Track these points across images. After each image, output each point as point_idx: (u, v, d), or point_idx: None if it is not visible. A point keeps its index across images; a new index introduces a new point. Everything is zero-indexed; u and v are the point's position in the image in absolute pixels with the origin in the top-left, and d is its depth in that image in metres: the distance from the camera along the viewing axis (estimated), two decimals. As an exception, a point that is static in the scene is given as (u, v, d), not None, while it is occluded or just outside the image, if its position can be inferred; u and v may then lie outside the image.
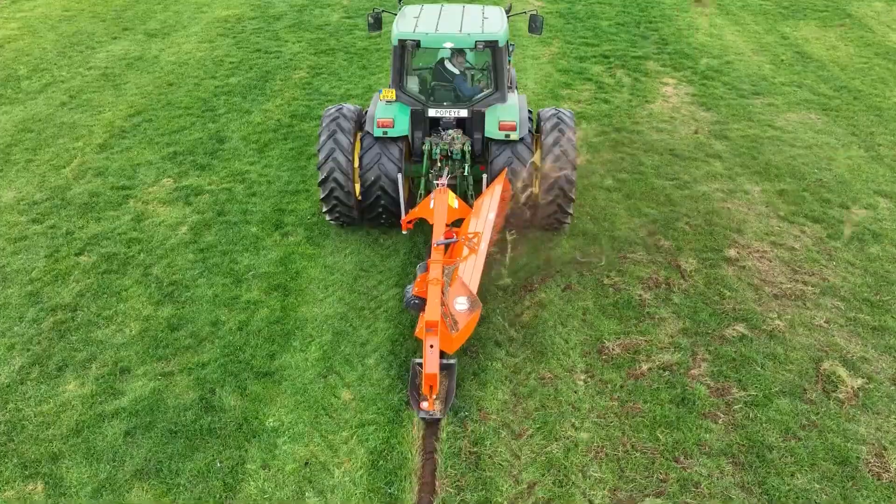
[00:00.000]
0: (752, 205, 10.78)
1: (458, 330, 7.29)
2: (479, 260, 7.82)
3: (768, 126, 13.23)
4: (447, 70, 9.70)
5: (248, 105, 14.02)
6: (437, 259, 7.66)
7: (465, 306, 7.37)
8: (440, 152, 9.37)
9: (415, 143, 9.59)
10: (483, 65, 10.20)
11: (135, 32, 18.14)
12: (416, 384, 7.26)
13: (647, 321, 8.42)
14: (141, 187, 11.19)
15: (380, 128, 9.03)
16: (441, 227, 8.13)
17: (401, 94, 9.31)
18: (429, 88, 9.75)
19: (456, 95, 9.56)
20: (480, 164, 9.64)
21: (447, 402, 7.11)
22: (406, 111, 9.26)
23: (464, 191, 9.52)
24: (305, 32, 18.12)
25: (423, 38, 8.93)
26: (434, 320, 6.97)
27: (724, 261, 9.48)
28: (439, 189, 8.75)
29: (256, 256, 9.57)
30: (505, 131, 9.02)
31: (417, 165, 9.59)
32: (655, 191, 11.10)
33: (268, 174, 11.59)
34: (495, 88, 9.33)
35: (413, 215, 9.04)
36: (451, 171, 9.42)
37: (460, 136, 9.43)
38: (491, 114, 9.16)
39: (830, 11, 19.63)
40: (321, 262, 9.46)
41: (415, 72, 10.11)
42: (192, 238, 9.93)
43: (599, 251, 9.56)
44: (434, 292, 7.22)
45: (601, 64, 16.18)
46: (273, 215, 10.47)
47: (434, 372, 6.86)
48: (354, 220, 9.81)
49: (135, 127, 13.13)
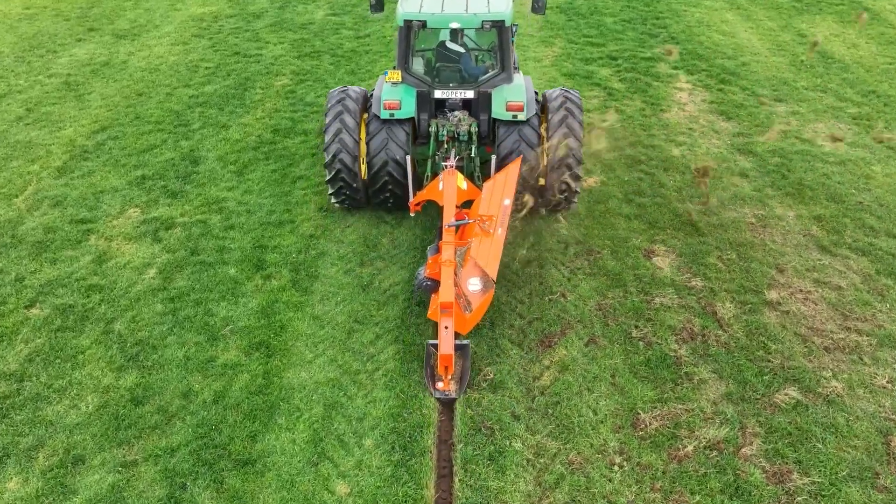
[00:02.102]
0: (787, 234, 9.70)
1: (471, 311, 7.42)
2: (495, 246, 7.74)
3: (796, 138, 12.13)
4: (451, 50, 9.56)
5: (226, 118, 12.73)
6: (448, 241, 7.72)
7: (479, 287, 7.48)
8: (447, 134, 9.25)
9: (420, 125, 9.50)
10: (488, 45, 10.07)
11: (102, 33, 16.70)
12: (431, 365, 7.31)
13: (686, 384, 7.34)
14: (104, 220, 9.93)
15: (387, 110, 8.93)
16: (451, 208, 8.11)
17: (406, 76, 9.20)
18: (434, 69, 9.59)
19: (461, 76, 9.47)
20: (486, 145, 9.56)
21: (462, 382, 7.18)
22: (412, 93, 9.14)
23: (470, 172, 9.46)
24: (288, 32, 16.76)
25: (430, 19, 8.76)
26: (448, 301, 7.05)
27: (764, 305, 8.41)
28: (448, 171, 8.66)
29: (235, 306, 8.38)
30: (512, 112, 8.92)
31: (423, 147, 9.54)
32: (680, 218, 9.99)
33: (247, 202, 10.36)
34: (501, 69, 9.23)
35: (421, 197, 9.01)
36: (457, 152, 9.31)
37: (466, 117, 9.34)
38: (498, 94, 9.09)
39: (847, 5, 18.51)
40: (309, 313, 8.29)
41: (418, 53, 9.96)
42: (160, 283, 8.72)
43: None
44: (447, 273, 7.31)
45: (609, 66, 14.99)
46: (253, 253, 9.27)
47: (449, 353, 6.95)
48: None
49: (99, 146, 11.81)
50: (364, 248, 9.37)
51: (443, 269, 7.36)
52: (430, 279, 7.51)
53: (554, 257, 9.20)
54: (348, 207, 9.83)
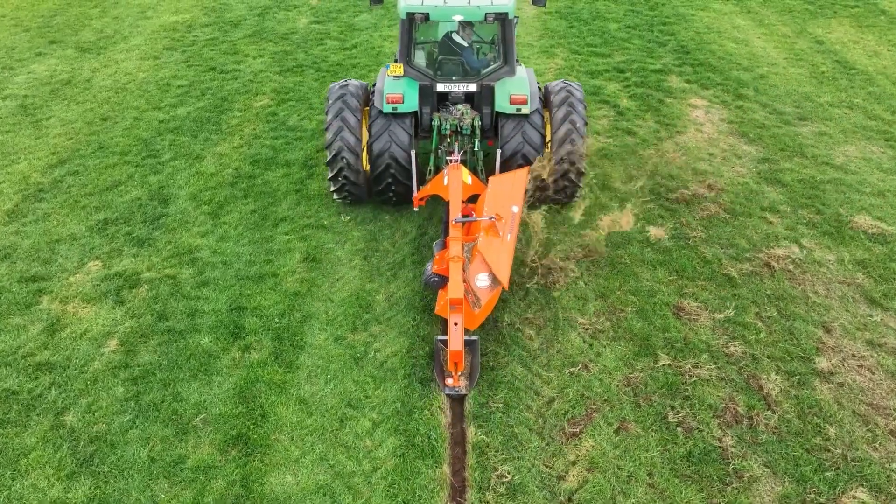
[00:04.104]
0: (830, 283, 8.68)
1: (480, 307, 7.34)
2: (506, 252, 7.59)
3: (826, 164, 11.11)
4: (454, 43, 9.41)
5: (200, 147, 11.51)
6: (456, 236, 7.69)
7: (487, 283, 7.43)
8: (450, 128, 9.16)
9: (423, 119, 9.40)
10: (490, 38, 9.97)
11: (64, 46, 15.36)
12: (440, 361, 7.26)
13: (735, 483, 6.31)
14: (59, 277, 8.74)
15: (389, 104, 8.87)
16: (457, 203, 8.02)
17: (409, 69, 9.14)
18: (435, 62, 9.50)
19: (463, 69, 9.37)
20: (488, 138, 9.49)
21: (472, 377, 7.14)
22: (415, 86, 9.08)
23: (473, 166, 9.36)
24: (268, 43, 15.50)
25: (432, 11, 8.66)
26: (458, 297, 7.01)
27: (815, 375, 7.38)
28: (452, 165, 8.59)
29: (208, 387, 7.24)
30: (516, 105, 8.89)
31: (426, 142, 9.47)
32: (710, 265, 8.94)
33: (223, 251, 9.19)
34: (504, 62, 9.16)
35: (425, 192, 8.95)
36: (460, 146, 9.21)
37: (469, 110, 9.25)
38: (501, 88, 9.06)
39: (863, 8, 17.50)
40: (294, 395, 7.17)
41: (419, 46, 9.88)
42: (122, 359, 7.56)
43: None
44: (456, 269, 7.28)
45: (617, 80, 13.89)
46: (230, 317, 8.12)
47: (459, 349, 6.89)
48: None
49: (56, 183, 10.57)
50: (357, 309, 8.25)
51: (451, 265, 7.36)
52: (438, 275, 7.55)
53: (572, 317, 8.13)
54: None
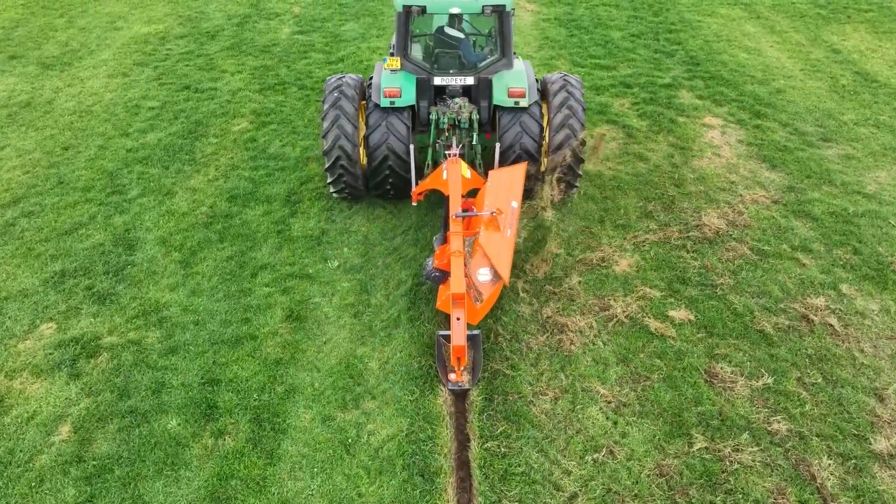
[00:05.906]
0: (878, 339, 7.77)
1: (482, 301, 7.31)
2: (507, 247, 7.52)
3: (857, 193, 10.19)
4: (450, 36, 9.34)
5: (171, 181, 10.43)
6: (457, 231, 7.65)
7: (488, 277, 7.39)
8: (448, 121, 9.10)
9: (420, 113, 9.31)
10: (487, 30, 9.91)
11: (25, 62, 14.18)
12: (443, 357, 7.24)
13: None
14: (6, 343, 7.67)
15: (387, 97, 8.81)
16: (457, 198, 7.97)
17: (406, 63, 9.07)
18: (433, 56, 9.41)
19: (460, 62, 9.32)
20: (486, 132, 9.44)
21: (475, 372, 7.12)
22: (412, 80, 9.03)
23: (471, 160, 9.35)
24: (248, 57, 14.39)
25: (429, 4, 8.65)
26: (460, 292, 7.01)
27: (873, 459, 6.47)
28: (451, 159, 8.51)
29: (175, 485, 6.23)
30: (514, 98, 8.85)
31: (423, 135, 9.42)
32: (741, 318, 8.01)
33: (195, 307, 8.15)
34: (501, 55, 9.11)
35: (424, 187, 8.82)
36: (458, 140, 9.15)
37: (467, 104, 9.17)
38: (498, 81, 9.02)
39: (877, 12, 16.60)
40: (276, 494, 6.16)
41: (416, 39, 9.79)
42: (75, 450, 6.52)
43: None
44: (457, 264, 7.26)
45: (624, 97, 12.91)
46: (201, 393, 7.09)
47: (462, 344, 6.90)
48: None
49: (8, 227, 9.48)
50: (347, 380, 7.25)
51: (453, 259, 7.32)
52: (439, 270, 7.56)
53: (591, 386, 7.17)
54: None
